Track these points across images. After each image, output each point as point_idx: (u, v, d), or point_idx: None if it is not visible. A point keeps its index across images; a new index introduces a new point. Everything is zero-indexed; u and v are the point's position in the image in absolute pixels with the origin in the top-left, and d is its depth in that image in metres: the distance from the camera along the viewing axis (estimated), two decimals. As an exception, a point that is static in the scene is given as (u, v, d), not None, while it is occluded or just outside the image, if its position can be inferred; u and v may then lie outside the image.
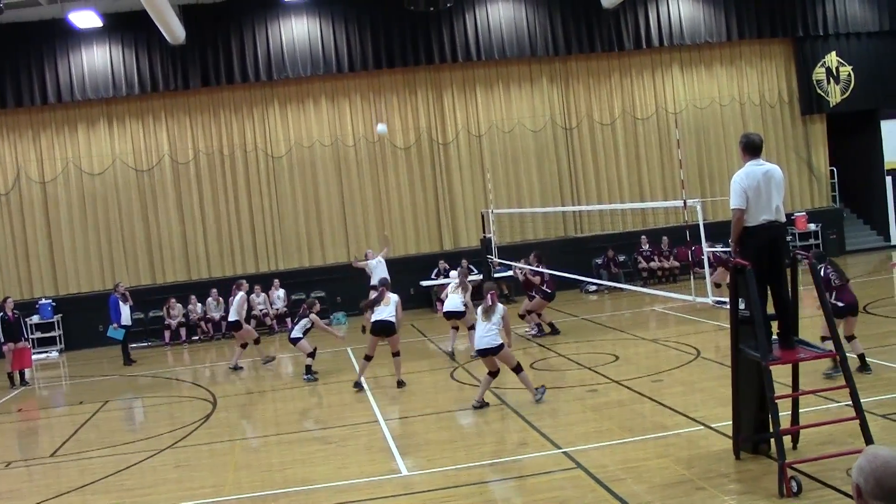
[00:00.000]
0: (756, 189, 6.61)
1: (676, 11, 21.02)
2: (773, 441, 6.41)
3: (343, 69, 19.88)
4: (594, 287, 19.36)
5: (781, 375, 7.15)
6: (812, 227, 21.71)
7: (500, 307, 9.73)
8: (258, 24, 19.53)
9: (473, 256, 19.34)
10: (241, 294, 14.44)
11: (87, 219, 19.77)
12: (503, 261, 17.47)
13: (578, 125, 21.40)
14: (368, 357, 11.51)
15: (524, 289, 15.28)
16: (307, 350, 12.76)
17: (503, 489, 7.14)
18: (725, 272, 13.25)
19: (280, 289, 19.20)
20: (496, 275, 18.10)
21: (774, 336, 6.90)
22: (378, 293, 11.53)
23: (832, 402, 8.05)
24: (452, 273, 16.88)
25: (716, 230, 14.24)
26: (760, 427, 7.05)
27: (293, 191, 20.36)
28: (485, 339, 9.54)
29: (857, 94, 21.97)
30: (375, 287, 14.97)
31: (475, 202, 20.68)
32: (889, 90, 21.97)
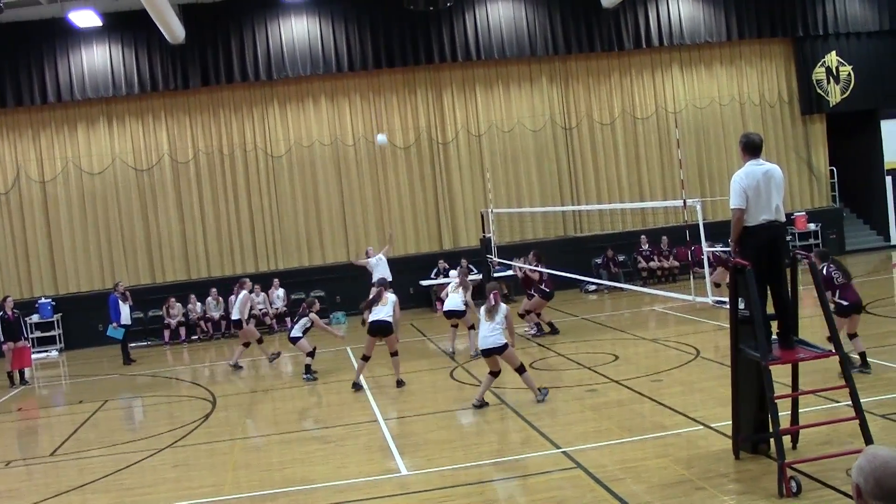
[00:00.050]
0: (756, 189, 6.61)
1: (676, 11, 21.01)
2: (773, 441, 6.41)
3: (343, 69, 19.88)
4: (594, 287, 19.36)
5: (781, 375, 7.15)
6: (812, 227, 21.71)
7: (504, 307, 9.76)
8: (258, 24, 19.52)
9: (473, 256, 19.34)
10: (244, 293, 14.45)
11: (87, 218, 19.77)
12: (503, 260, 17.46)
13: (578, 125, 21.40)
14: (366, 357, 11.52)
15: (523, 287, 15.30)
16: (307, 349, 12.76)
17: (502, 489, 7.14)
18: (725, 272, 13.25)
19: (280, 288, 19.20)
20: (496, 274, 18.09)
21: (774, 336, 6.90)
22: (376, 293, 11.53)
23: (832, 402, 8.05)
24: (452, 272, 16.87)
25: (715, 230, 14.23)
26: (760, 427, 7.05)
27: (293, 190, 20.36)
28: (489, 339, 9.55)
29: (857, 94, 21.97)
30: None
31: (475, 202, 20.68)
32: (889, 90, 21.97)
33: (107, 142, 19.84)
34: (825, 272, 9.55)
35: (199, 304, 18.92)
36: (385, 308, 11.28)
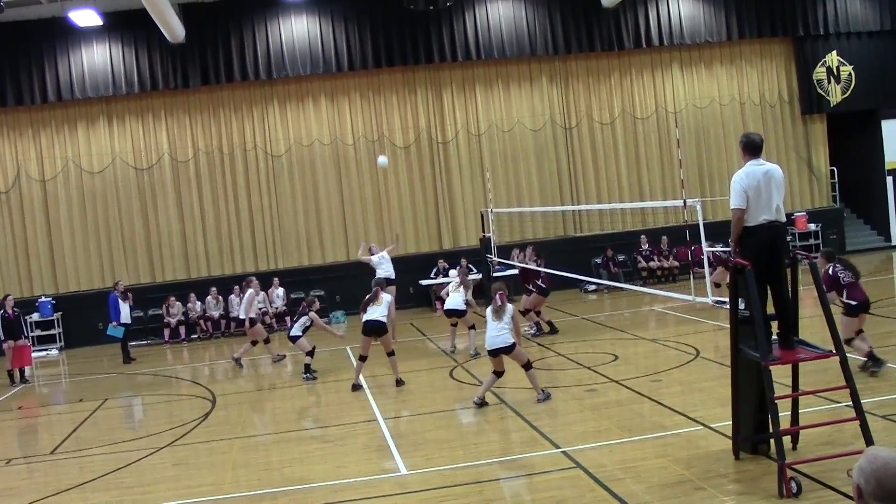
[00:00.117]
0: (756, 189, 6.60)
1: (676, 11, 21.00)
2: (773, 441, 6.40)
3: (343, 68, 19.87)
4: (593, 286, 19.35)
5: (781, 376, 7.15)
6: (812, 227, 21.70)
7: (510, 307, 9.77)
8: (258, 23, 19.51)
9: (473, 256, 19.33)
10: (251, 291, 14.60)
11: (87, 217, 19.77)
12: (503, 260, 17.45)
13: (578, 125, 21.40)
14: (363, 357, 11.53)
15: (522, 282, 15.27)
16: (306, 349, 12.76)
17: (501, 488, 7.13)
18: (725, 272, 13.24)
19: (279, 287, 19.20)
20: (496, 274, 18.09)
21: (774, 336, 6.89)
22: (372, 293, 11.51)
23: (832, 403, 8.04)
24: (452, 272, 16.88)
25: (715, 230, 14.23)
26: (760, 427, 7.04)
27: (293, 190, 20.36)
28: (498, 339, 9.54)
29: (858, 94, 21.96)
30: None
31: (474, 201, 20.68)
32: (890, 90, 21.96)
33: (107, 141, 19.84)
34: (831, 272, 9.52)
35: (199, 303, 18.92)
36: (379, 308, 11.29)
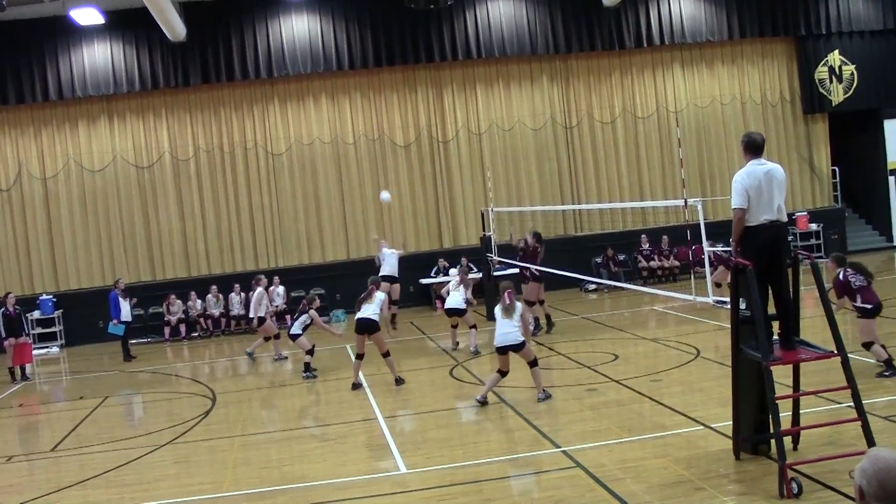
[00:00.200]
0: (758, 188, 6.59)
1: (678, 10, 20.97)
2: (774, 442, 6.39)
3: (343, 67, 19.86)
4: (594, 286, 19.34)
5: (782, 376, 7.14)
6: (813, 227, 21.66)
7: (519, 305, 9.75)
8: (258, 22, 19.50)
9: (473, 255, 19.31)
10: (260, 289, 14.73)
11: (88, 215, 19.77)
12: (503, 259, 17.44)
13: (579, 124, 21.38)
14: (360, 356, 11.53)
15: (523, 259, 15.01)
16: (306, 347, 12.76)
17: (501, 487, 7.13)
18: (726, 271, 13.24)
19: (280, 286, 19.18)
20: (496, 273, 18.07)
21: (775, 336, 6.88)
22: (367, 291, 11.48)
23: (833, 403, 8.03)
24: (452, 271, 16.85)
25: (716, 230, 14.21)
26: (760, 427, 7.04)
27: (293, 188, 20.35)
28: (509, 336, 9.53)
29: (860, 94, 21.92)
30: (385, 278, 14.98)
31: (475, 200, 20.65)
32: (892, 89, 21.92)
33: (108, 139, 19.83)
34: (842, 277, 9.49)
35: (200, 302, 18.92)
36: (371, 306, 11.27)
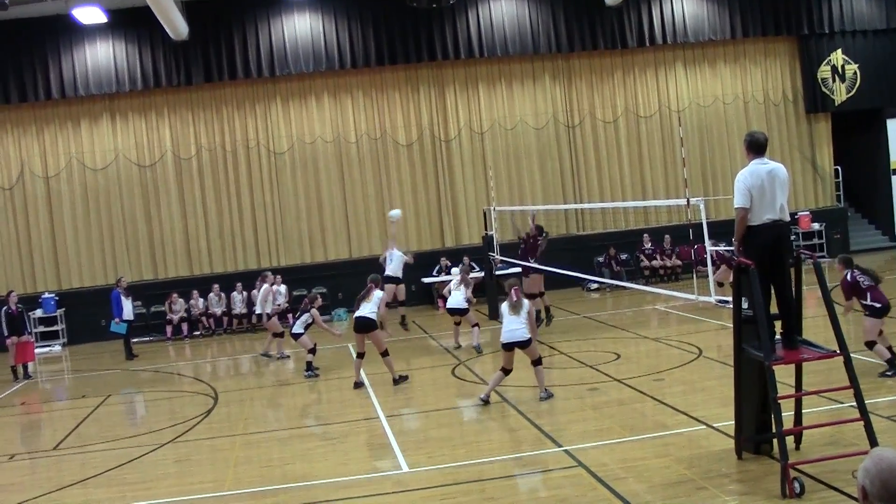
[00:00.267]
0: (760, 188, 6.58)
1: (680, 9, 20.94)
2: (776, 441, 6.38)
3: (345, 65, 19.85)
4: (596, 285, 19.33)
5: (784, 375, 7.13)
6: (816, 227, 21.62)
7: (526, 302, 9.73)
8: (261, 20, 19.50)
9: (475, 254, 19.31)
10: (266, 286, 14.70)
11: (90, 214, 19.78)
12: (504, 258, 17.43)
13: (581, 123, 21.36)
14: (360, 355, 11.52)
15: (526, 254, 15.04)
16: (308, 346, 12.76)
17: (503, 487, 7.12)
18: (728, 271, 13.23)
19: (282, 285, 19.17)
20: (498, 272, 18.07)
21: (778, 336, 6.87)
22: (365, 289, 11.45)
23: (836, 403, 8.02)
24: (454, 270, 16.85)
25: (719, 229, 14.19)
26: (762, 427, 7.03)
27: (295, 187, 20.36)
28: (516, 333, 9.51)
29: (863, 93, 21.87)
30: (390, 279, 14.94)
31: (477, 199, 20.65)
32: (895, 89, 21.87)
33: (110, 138, 19.85)
34: (849, 278, 9.57)
35: (202, 300, 18.93)
36: (369, 305, 11.23)
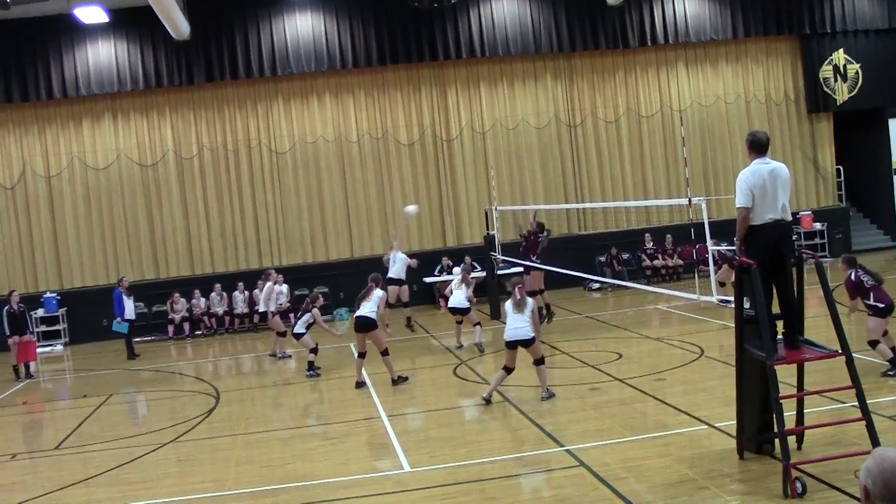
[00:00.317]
0: (762, 188, 6.57)
1: (682, 8, 20.93)
2: (778, 441, 6.38)
3: (347, 65, 19.86)
4: (597, 285, 19.32)
5: (786, 375, 7.12)
6: (818, 227, 21.61)
7: (530, 300, 9.72)
8: (262, 20, 19.51)
9: (477, 253, 19.31)
10: (269, 284, 14.68)
11: (92, 213, 19.80)
12: (506, 258, 17.43)
13: (583, 122, 21.35)
14: (361, 354, 11.50)
15: (526, 251, 15.07)
16: (310, 346, 12.76)
17: (504, 486, 7.12)
18: (730, 270, 13.22)
19: (283, 284, 19.18)
20: (500, 272, 18.07)
21: (779, 336, 6.86)
22: (366, 288, 11.43)
23: (838, 403, 8.01)
24: (455, 269, 16.84)
25: (720, 229, 14.17)
26: (764, 427, 7.02)
27: (297, 186, 20.36)
28: (519, 331, 9.50)
29: (865, 93, 21.85)
30: (393, 281, 14.90)
31: (479, 199, 20.65)
32: (897, 88, 21.88)
33: (112, 137, 19.86)
34: (853, 278, 9.60)
35: (203, 300, 18.95)
36: (369, 304, 11.20)
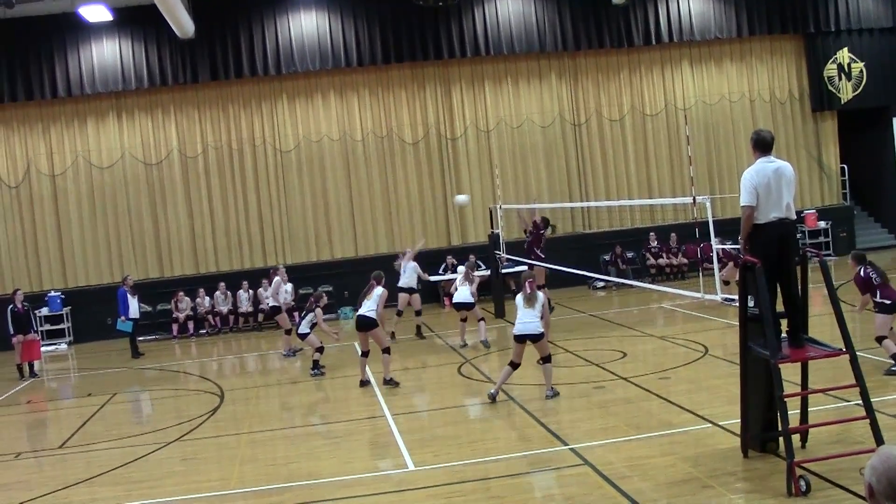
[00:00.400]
0: (766, 186, 6.57)
1: (686, 7, 20.90)
2: (782, 439, 6.37)
3: (351, 64, 19.87)
4: (602, 283, 19.31)
5: (790, 374, 7.11)
6: (822, 225, 21.56)
7: (541, 295, 9.68)
8: (267, 18, 19.53)
9: (481, 252, 19.31)
10: (277, 279, 14.73)
11: (96, 212, 19.84)
12: (511, 256, 17.44)
13: (587, 121, 21.33)
14: (364, 353, 11.51)
15: (529, 246, 15.20)
16: (316, 345, 12.78)
17: (509, 485, 7.12)
18: (735, 269, 13.20)
19: (288, 283, 19.19)
20: (504, 270, 18.07)
21: (784, 334, 6.85)
22: (368, 285, 11.40)
23: (842, 401, 7.99)
24: (460, 268, 16.84)
25: (725, 227, 14.17)
26: (768, 425, 7.02)
27: (301, 185, 20.38)
28: (529, 326, 9.48)
29: (869, 91, 21.79)
30: (402, 289, 14.79)
31: (483, 198, 20.64)
32: (901, 87, 21.81)
33: (116, 136, 19.90)
34: (862, 274, 9.59)
35: (208, 299, 18.98)
36: (369, 303, 11.16)
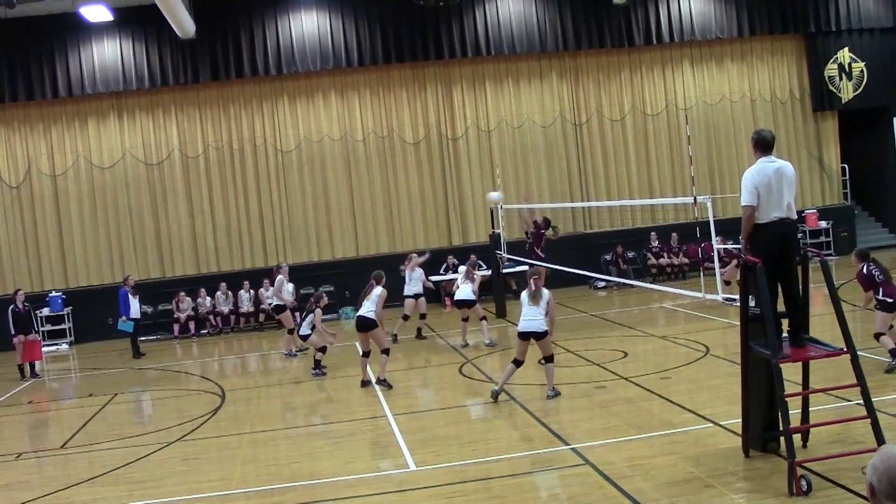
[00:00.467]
0: (767, 186, 6.57)
1: (687, 7, 20.90)
2: (783, 439, 6.37)
3: (352, 64, 19.87)
4: (603, 283, 19.31)
5: (791, 373, 7.11)
6: (823, 225, 21.57)
7: (546, 292, 9.65)
8: (268, 19, 19.54)
9: (482, 252, 19.29)
10: (280, 277, 14.73)
11: (97, 212, 19.85)
12: (512, 256, 17.44)
13: (588, 121, 21.33)
14: (365, 353, 11.51)
15: (530, 246, 15.30)
16: (317, 345, 12.78)
17: (510, 485, 7.13)
18: (736, 269, 13.20)
19: (289, 283, 19.19)
20: (505, 270, 18.08)
21: (785, 334, 6.85)
22: (368, 285, 11.39)
23: (843, 401, 8.00)
24: (461, 268, 16.85)
25: (726, 227, 14.15)
26: (770, 425, 7.02)
27: (302, 185, 20.39)
28: (533, 323, 9.47)
29: (870, 91, 21.79)
30: (408, 295, 14.75)
31: (484, 197, 20.61)
32: (902, 87, 21.80)
33: (117, 136, 19.91)
34: (865, 271, 9.61)
35: (209, 299, 18.99)
36: (368, 303, 11.15)
